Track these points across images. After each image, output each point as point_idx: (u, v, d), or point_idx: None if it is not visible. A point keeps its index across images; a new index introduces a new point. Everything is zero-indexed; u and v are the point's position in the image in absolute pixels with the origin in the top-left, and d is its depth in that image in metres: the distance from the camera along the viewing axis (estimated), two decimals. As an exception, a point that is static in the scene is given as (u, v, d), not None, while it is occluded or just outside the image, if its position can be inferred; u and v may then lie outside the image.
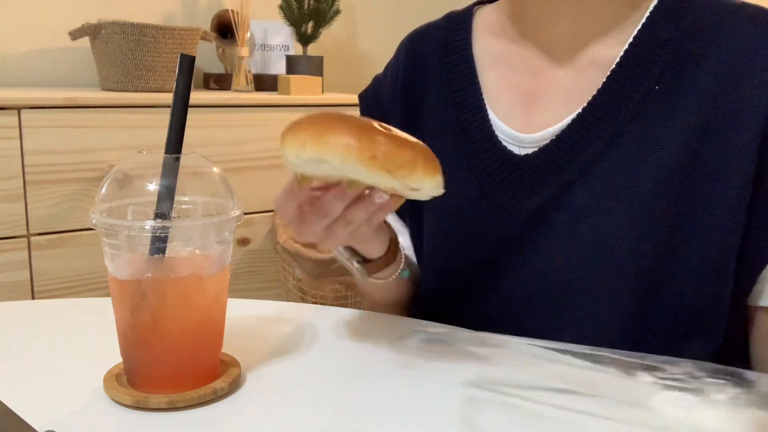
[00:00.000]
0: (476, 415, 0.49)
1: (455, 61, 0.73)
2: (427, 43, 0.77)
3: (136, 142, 1.54)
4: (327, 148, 0.48)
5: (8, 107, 1.40)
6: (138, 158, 0.53)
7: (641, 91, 0.62)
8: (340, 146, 0.48)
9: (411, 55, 0.78)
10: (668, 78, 0.62)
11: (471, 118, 0.70)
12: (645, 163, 0.61)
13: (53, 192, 1.47)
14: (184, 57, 0.51)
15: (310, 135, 0.49)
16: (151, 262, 0.49)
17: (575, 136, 0.64)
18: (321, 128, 0.49)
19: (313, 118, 0.51)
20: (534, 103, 0.68)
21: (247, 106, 1.71)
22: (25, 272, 1.46)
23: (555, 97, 0.67)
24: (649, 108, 0.62)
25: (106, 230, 0.49)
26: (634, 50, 0.63)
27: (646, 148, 0.61)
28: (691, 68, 0.61)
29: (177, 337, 0.51)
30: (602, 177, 0.62)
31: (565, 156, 0.64)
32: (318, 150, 0.48)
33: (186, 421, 0.48)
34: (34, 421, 0.46)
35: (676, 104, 0.61)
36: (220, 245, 0.52)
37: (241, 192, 1.66)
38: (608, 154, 0.62)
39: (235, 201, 0.54)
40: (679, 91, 0.61)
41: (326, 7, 2.03)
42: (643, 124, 0.62)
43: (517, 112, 0.68)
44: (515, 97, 0.69)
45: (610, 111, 0.63)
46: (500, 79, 0.71)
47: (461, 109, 0.71)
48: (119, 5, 1.93)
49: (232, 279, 0.55)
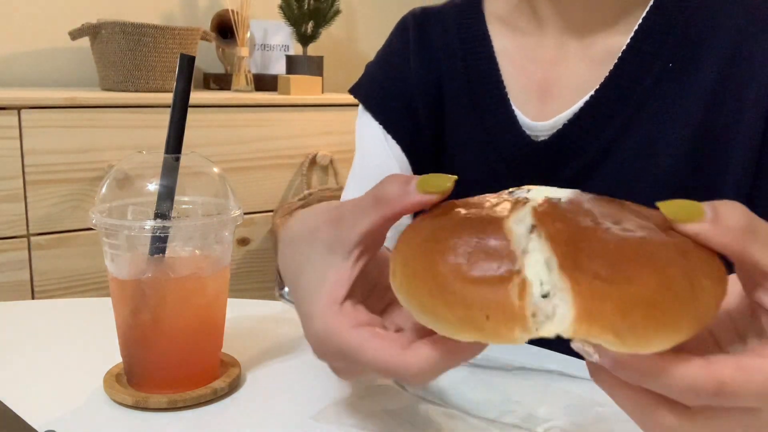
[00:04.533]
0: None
1: (474, 50, 0.71)
2: (436, 25, 0.74)
3: (136, 142, 1.54)
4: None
5: (8, 107, 1.40)
6: (138, 158, 0.53)
7: (655, 71, 0.62)
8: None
9: (418, 36, 0.74)
10: (681, 55, 0.62)
11: (492, 109, 0.69)
12: (663, 141, 0.61)
13: (53, 192, 1.47)
14: (184, 57, 0.51)
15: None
16: (151, 262, 0.49)
17: (590, 120, 0.64)
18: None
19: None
20: (547, 93, 0.68)
21: (247, 106, 1.71)
22: (25, 272, 1.46)
23: (568, 86, 0.67)
24: (664, 86, 0.62)
25: (106, 230, 0.49)
26: (644, 31, 0.63)
27: (663, 127, 0.61)
28: (705, 41, 0.61)
29: (177, 337, 0.51)
30: (621, 158, 0.63)
31: (581, 140, 0.64)
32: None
33: (186, 421, 0.48)
34: (34, 421, 0.46)
35: (692, 78, 0.61)
36: (219, 245, 0.52)
37: (241, 192, 1.66)
38: (625, 135, 0.63)
39: (235, 201, 0.54)
40: (694, 66, 0.61)
41: (326, 7, 2.03)
42: (659, 103, 0.62)
43: (531, 102, 0.68)
44: (529, 87, 0.69)
45: (624, 92, 0.63)
46: (514, 69, 0.70)
47: (480, 101, 0.70)
48: (119, 5, 1.93)
49: (232, 279, 0.55)
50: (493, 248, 0.30)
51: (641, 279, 0.28)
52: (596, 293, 0.28)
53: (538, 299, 0.29)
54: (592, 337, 0.28)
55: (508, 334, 0.29)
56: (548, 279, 0.29)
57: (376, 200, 0.34)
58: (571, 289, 0.29)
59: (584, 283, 0.28)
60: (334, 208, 0.36)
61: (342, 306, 0.35)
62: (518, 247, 0.30)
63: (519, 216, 0.32)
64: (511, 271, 0.30)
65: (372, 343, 0.33)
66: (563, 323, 0.29)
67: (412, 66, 0.74)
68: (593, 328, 0.28)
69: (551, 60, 0.68)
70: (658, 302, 0.28)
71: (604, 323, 0.28)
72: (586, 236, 0.30)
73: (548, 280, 0.29)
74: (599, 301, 0.28)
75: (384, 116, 0.74)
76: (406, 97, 0.74)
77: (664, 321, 0.28)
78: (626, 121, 0.63)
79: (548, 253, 0.30)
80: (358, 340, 0.33)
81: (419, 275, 0.32)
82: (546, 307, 0.29)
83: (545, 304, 0.29)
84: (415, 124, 0.73)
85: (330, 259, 0.35)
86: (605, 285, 0.28)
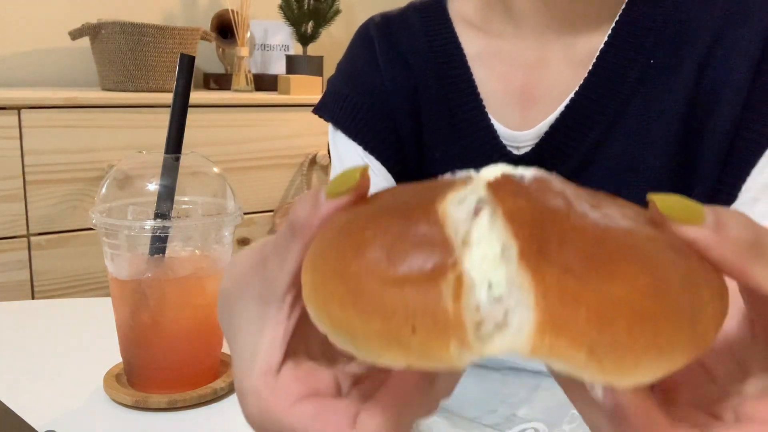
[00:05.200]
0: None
1: (444, 57, 0.67)
2: (402, 31, 0.69)
3: (136, 142, 1.54)
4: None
5: (8, 107, 1.40)
6: (138, 158, 0.53)
7: (637, 68, 0.60)
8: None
9: (385, 43, 0.69)
10: (663, 50, 0.60)
11: (468, 120, 0.66)
12: (649, 141, 0.60)
13: (53, 192, 1.47)
14: (184, 57, 0.51)
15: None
16: (151, 262, 0.49)
17: (573, 124, 0.61)
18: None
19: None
20: (529, 99, 0.64)
21: (247, 106, 1.71)
22: (25, 272, 1.46)
23: (551, 90, 0.63)
24: (648, 84, 0.60)
25: (106, 230, 0.49)
26: (622, 27, 0.61)
27: (649, 126, 0.60)
28: (685, 35, 0.59)
29: (177, 337, 0.51)
30: (606, 161, 0.61)
31: (564, 146, 0.62)
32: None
33: (186, 421, 0.48)
34: (34, 421, 0.46)
35: (676, 74, 0.59)
36: (219, 245, 0.52)
37: (241, 192, 1.66)
38: (610, 137, 0.61)
39: (235, 201, 0.54)
40: (677, 61, 0.60)
41: (326, 6, 2.03)
42: (643, 102, 0.60)
43: (512, 110, 0.65)
44: (509, 94, 0.65)
45: (606, 92, 0.61)
46: (491, 76, 0.66)
47: (456, 111, 0.66)
48: (119, 5, 1.93)
49: (232, 279, 0.55)
50: (420, 237, 0.23)
51: (628, 277, 0.21)
52: (567, 293, 0.21)
53: (486, 303, 0.21)
54: (556, 356, 0.20)
55: (440, 351, 0.21)
56: (501, 276, 0.21)
57: (292, 229, 0.28)
58: (533, 287, 0.21)
59: (551, 278, 0.21)
60: (257, 250, 0.30)
61: (279, 375, 0.28)
62: (456, 234, 0.23)
63: (459, 196, 0.24)
64: (444, 266, 0.22)
65: (315, 425, 0.26)
66: (519, 335, 0.21)
67: (384, 76, 0.68)
68: (559, 341, 0.20)
69: (531, 63, 0.64)
70: (649, 311, 0.21)
71: (575, 335, 0.20)
72: (556, 219, 0.22)
73: (501, 279, 0.21)
74: (570, 305, 0.20)
75: (361, 136, 0.68)
76: (383, 111, 0.68)
77: (657, 339, 0.21)
78: (610, 121, 0.61)
79: (505, 238, 0.22)
80: (300, 423, 0.27)
81: (328, 280, 0.24)
82: (496, 313, 0.21)
83: (495, 309, 0.21)
84: (397, 137, 0.68)
85: (263, 312, 0.29)
86: (579, 283, 0.21)
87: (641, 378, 0.21)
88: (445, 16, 0.68)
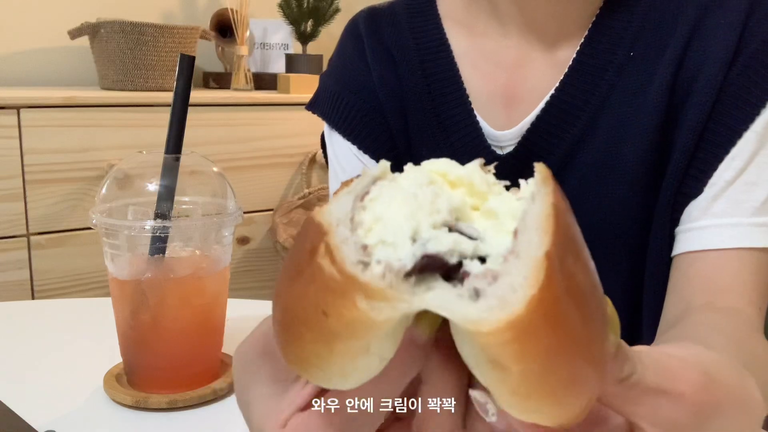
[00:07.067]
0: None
1: (430, 54, 0.67)
2: (388, 27, 0.69)
3: (136, 141, 1.54)
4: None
5: (8, 107, 1.40)
6: (138, 158, 0.53)
7: (616, 62, 0.60)
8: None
9: (373, 39, 0.69)
10: (644, 42, 0.60)
11: (454, 117, 0.65)
12: (630, 134, 0.60)
13: (53, 191, 1.47)
14: (183, 57, 0.51)
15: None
16: (151, 262, 0.49)
17: (555, 120, 0.62)
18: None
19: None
20: (513, 98, 0.65)
21: (247, 105, 1.71)
22: (25, 272, 1.46)
23: (533, 89, 0.64)
24: (627, 77, 0.60)
25: (106, 230, 0.49)
26: (602, 21, 0.61)
27: (629, 119, 0.60)
28: (666, 26, 0.59)
29: (177, 337, 0.51)
30: (587, 156, 0.61)
31: (546, 143, 0.62)
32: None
33: (186, 421, 0.48)
34: (34, 421, 0.46)
35: (657, 65, 0.59)
36: (219, 245, 0.52)
37: (241, 191, 1.66)
38: (591, 131, 0.61)
39: (235, 200, 0.54)
40: (657, 52, 0.59)
41: (326, 5, 2.03)
42: (623, 95, 0.60)
43: (496, 109, 0.65)
44: (494, 93, 0.65)
45: (587, 87, 0.61)
46: (477, 74, 0.66)
47: (442, 108, 0.66)
48: (118, 4, 1.92)
49: (232, 279, 0.55)
50: (301, 245, 0.22)
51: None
52: (557, 312, 0.20)
53: (469, 249, 0.21)
54: (498, 353, 0.20)
55: (351, 312, 0.20)
56: (504, 244, 0.21)
57: None
58: (538, 285, 0.20)
59: (556, 289, 0.20)
60: (262, 338, 0.31)
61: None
62: (344, 213, 0.22)
63: (341, 194, 0.24)
64: (315, 246, 0.21)
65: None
66: (490, 312, 0.19)
67: (374, 74, 0.68)
68: (514, 344, 0.19)
69: (515, 63, 0.65)
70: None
71: (529, 351, 0.20)
72: (576, 240, 0.23)
73: (503, 246, 0.21)
74: (550, 325, 0.20)
75: (354, 135, 0.69)
76: (374, 109, 0.68)
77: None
78: (591, 116, 0.61)
79: (544, 225, 0.21)
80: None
81: (275, 310, 0.24)
82: (475, 269, 0.21)
83: (477, 265, 0.21)
84: (389, 135, 0.68)
85: (279, 389, 0.30)
86: (569, 311, 0.20)
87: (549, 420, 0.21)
88: (434, 12, 0.68)
